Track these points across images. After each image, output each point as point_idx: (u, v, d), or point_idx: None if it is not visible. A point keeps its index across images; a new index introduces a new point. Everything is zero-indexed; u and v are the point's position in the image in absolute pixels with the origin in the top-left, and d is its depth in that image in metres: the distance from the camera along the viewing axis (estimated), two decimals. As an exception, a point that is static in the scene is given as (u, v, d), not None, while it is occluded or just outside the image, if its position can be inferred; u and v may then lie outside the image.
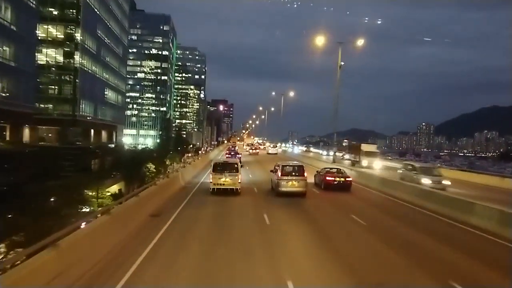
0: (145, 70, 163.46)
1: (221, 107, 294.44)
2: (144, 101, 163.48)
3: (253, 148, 75.71)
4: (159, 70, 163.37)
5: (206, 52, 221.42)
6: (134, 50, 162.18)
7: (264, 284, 8.79)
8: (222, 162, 22.44)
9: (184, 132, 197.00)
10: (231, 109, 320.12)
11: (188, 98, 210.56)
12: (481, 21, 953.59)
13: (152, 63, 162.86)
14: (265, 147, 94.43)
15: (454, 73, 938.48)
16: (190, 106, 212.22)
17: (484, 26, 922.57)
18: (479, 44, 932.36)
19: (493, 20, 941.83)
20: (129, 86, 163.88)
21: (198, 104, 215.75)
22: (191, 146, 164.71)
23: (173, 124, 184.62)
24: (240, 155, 49.23)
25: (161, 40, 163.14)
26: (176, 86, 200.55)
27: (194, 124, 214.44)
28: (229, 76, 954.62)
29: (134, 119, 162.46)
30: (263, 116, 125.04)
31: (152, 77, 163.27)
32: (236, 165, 21.35)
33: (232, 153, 51.13)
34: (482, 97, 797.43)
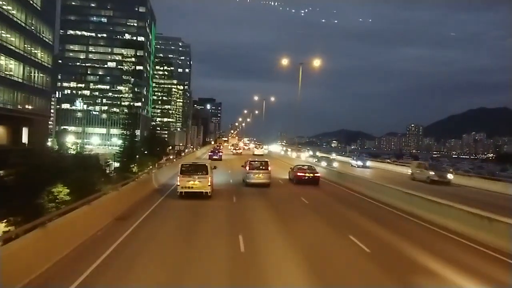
0: (117, 58, 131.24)
1: (208, 106, 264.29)
2: (116, 95, 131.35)
3: (236, 148, 75.28)
4: (133, 59, 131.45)
5: (193, 50, 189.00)
6: (104, 35, 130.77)
7: None
8: (190, 164, 19.91)
9: (166, 132, 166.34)
10: (219, 108, 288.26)
11: (171, 94, 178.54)
12: (468, 22, 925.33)
13: (125, 51, 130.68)
14: (249, 148, 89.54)
15: (442, 74, 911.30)
16: (173, 103, 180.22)
17: (472, 28, 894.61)
18: (466, 46, 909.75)
19: (480, 22, 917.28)
20: (98, 77, 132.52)
21: (182, 101, 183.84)
22: (170, 147, 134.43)
23: (153, 123, 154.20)
24: (221, 153, 51.05)
25: (136, 24, 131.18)
26: (157, 81, 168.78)
27: (180, 124, 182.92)
28: (216, 76, 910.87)
29: (104, 115, 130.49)
30: (256, 111, 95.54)
31: (126, 67, 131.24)
32: (206, 167, 18.86)
33: (216, 151, 52.11)
34: (469, 99, 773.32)
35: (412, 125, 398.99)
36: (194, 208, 16.05)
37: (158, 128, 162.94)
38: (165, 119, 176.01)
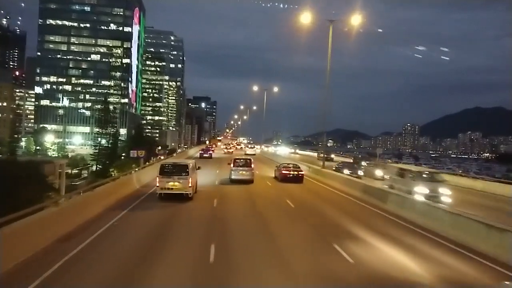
0: (102, 50, 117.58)
1: (203, 105, 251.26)
2: (100, 91, 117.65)
3: (228, 147, 76.29)
4: (120, 51, 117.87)
5: (188, 50, 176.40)
6: (87, 25, 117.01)
7: None
8: (171, 164, 18.20)
9: (157, 131, 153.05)
10: (214, 106, 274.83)
11: (163, 90, 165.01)
12: (463, 22, 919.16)
13: (110, 42, 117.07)
14: (242, 147, 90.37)
15: (437, 74, 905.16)
16: (165, 100, 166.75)
17: (467, 27, 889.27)
18: (461, 45, 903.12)
19: (475, 21, 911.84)
20: (81, 71, 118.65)
21: (174, 98, 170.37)
22: (160, 147, 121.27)
23: (143, 121, 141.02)
24: (211, 152, 52.97)
25: (122, 13, 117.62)
26: (147, 77, 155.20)
27: (173, 122, 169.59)
28: (212, 75, 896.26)
29: (87, 113, 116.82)
30: (255, 107, 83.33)
31: (111, 60, 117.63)
32: (186, 167, 17.27)
33: (207, 150, 53.76)
34: (465, 98, 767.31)
35: (408, 124, 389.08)
36: (172, 209, 15.49)
37: (149, 127, 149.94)
38: (156, 117, 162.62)
